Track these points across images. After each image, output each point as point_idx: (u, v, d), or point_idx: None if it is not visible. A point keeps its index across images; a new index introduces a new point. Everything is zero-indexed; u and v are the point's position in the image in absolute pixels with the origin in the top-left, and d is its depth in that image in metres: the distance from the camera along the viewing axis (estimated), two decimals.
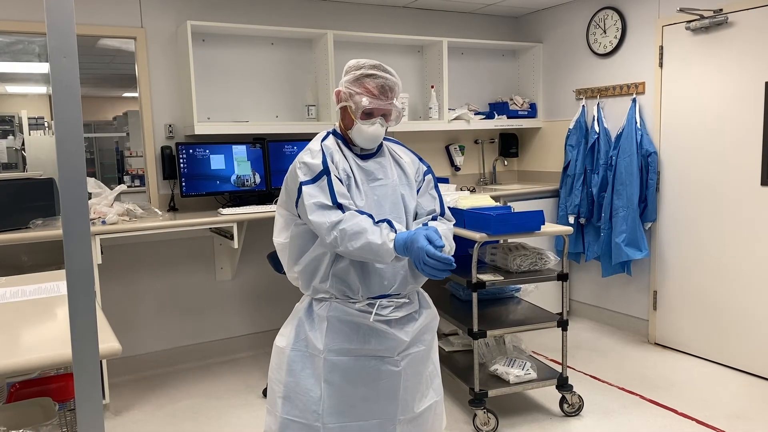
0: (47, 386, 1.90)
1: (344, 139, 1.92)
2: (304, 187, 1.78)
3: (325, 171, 1.79)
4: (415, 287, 1.94)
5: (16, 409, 1.74)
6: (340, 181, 1.81)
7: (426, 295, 2.05)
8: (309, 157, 1.82)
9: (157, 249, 3.77)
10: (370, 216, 1.75)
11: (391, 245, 1.68)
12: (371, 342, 1.84)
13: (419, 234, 1.66)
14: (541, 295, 3.67)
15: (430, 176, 2.01)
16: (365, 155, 1.92)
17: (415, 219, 1.95)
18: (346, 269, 1.82)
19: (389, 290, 1.85)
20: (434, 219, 1.93)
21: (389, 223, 1.75)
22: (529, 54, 4.91)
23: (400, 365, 1.87)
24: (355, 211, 1.76)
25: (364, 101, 1.80)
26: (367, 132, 1.84)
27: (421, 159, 2.05)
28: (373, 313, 1.83)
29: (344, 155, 1.89)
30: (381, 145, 1.96)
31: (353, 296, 1.84)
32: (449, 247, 1.81)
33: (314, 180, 1.78)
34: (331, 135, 1.93)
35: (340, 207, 1.75)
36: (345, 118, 1.88)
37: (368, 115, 1.83)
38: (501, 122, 4.69)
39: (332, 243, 1.73)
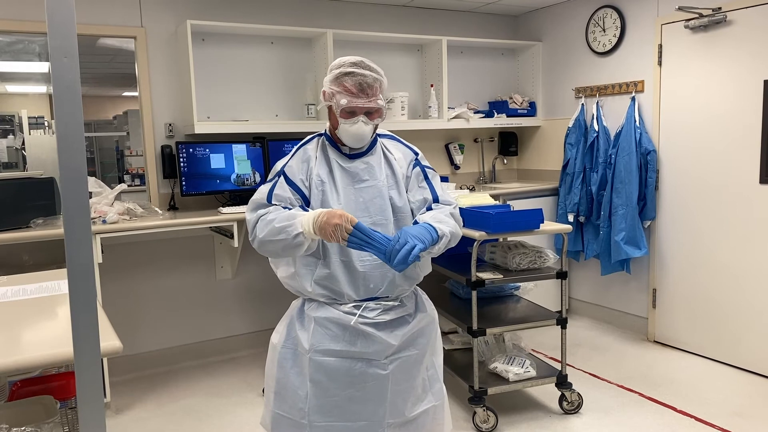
0: (49, 384, 1.90)
1: (333, 140, 1.92)
2: (261, 186, 1.89)
3: (280, 173, 1.86)
4: (407, 290, 1.92)
5: (17, 407, 1.74)
6: (294, 187, 1.83)
7: (425, 298, 2.02)
8: (281, 160, 1.91)
9: (158, 248, 3.78)
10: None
11: (299, 219, 1.71)
12: (357, 344, 1.83)
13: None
14: (540, 293, 3.67)
15: (418, 169, 1.95)
16: (354, 155, 1.91)
17: (412, 215, 1.93)
18: (329, 276, 1.83)
19: (376, 293, 1.85)
20: (429, 209, 1.89)
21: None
22: (528, 52, 4.91)
23: (387, 368, 1.86)
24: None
25: (342, 100, 1.79)
26: (350, 131, 1.83)
27: (415, 152, 2.00)
28: (356, 316, 1.82)
29: (327, 158, 1.89)
30: (374, 143, 1.94)
31: (340, 300, 1.85)
32: (447, 228, 1.79)
33: (269, 180, 1.88)
34: (315, 138, 1.94)
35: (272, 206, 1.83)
36: (331, 118, 1.88)
37: (350, 113, 1.81)
38: (500, 121, 4.69)
39: (253, 236, 1.81)
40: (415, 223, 1.83)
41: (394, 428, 1.91)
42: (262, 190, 1.86)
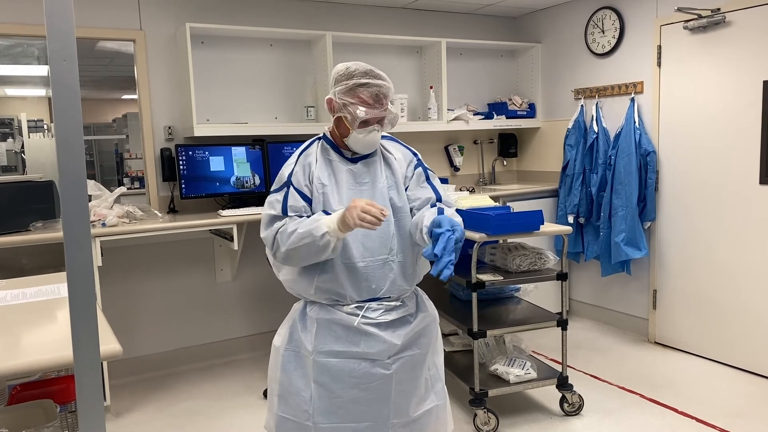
0: (48, 388, 1.90)
1: (334, 143, 1.92)
2: (268, 196, 1.88)
3: (287, 183, 1.86)
4: (408, 290, 1.93)
5: (17, 411, 1.74)
6: (302, 195, 1.83)
7: (425, 298, 2.03)
8: (285, 167, 1.90)
9: (157, 251, 3.77)
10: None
11: (323, 220, 1.72)
12: (360, 345, 1.84)
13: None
14: (540, 294, 3.67)
15: (420, 170, 1.97)
16: (355, 157, 1.91)
17: (412, 213, 1.93)
18: (331, 279, 1.83)
19: (378, 294, 1.85)
20: (433, 206, 1.89)
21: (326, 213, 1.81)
22: (527, 54, 4.91)
23: (391, 368, 1.86)
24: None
25: (360, 113, 1.78)
26: (364, 140, 1.84)
27: (414, 153, 2.02)
28: (359, 316, 1.83)
29: (328, 160, 1.89)
30: None
31: (343, 301, 1.85)
32: (459, 220, 1.79)
33: (278, 190, 1.87)
34: (315, 142, 1.94)
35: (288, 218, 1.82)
36: (340, 127, 1.88)
37: (364, 123, 1.81)
38: (500, 122, 4.69)
39: (275, 250, 1.80)
40: (440, 212, 1.80)
41: (399, 428, 1.91)
42: (275, 205, 1.85)
